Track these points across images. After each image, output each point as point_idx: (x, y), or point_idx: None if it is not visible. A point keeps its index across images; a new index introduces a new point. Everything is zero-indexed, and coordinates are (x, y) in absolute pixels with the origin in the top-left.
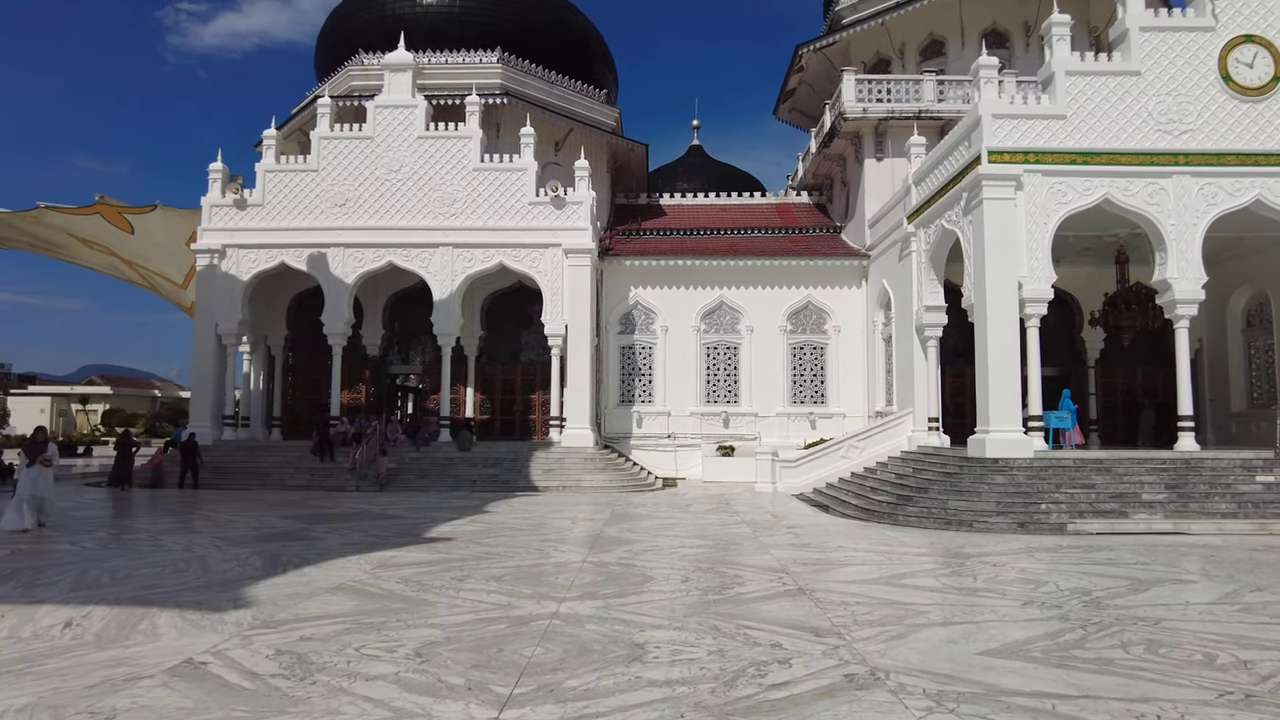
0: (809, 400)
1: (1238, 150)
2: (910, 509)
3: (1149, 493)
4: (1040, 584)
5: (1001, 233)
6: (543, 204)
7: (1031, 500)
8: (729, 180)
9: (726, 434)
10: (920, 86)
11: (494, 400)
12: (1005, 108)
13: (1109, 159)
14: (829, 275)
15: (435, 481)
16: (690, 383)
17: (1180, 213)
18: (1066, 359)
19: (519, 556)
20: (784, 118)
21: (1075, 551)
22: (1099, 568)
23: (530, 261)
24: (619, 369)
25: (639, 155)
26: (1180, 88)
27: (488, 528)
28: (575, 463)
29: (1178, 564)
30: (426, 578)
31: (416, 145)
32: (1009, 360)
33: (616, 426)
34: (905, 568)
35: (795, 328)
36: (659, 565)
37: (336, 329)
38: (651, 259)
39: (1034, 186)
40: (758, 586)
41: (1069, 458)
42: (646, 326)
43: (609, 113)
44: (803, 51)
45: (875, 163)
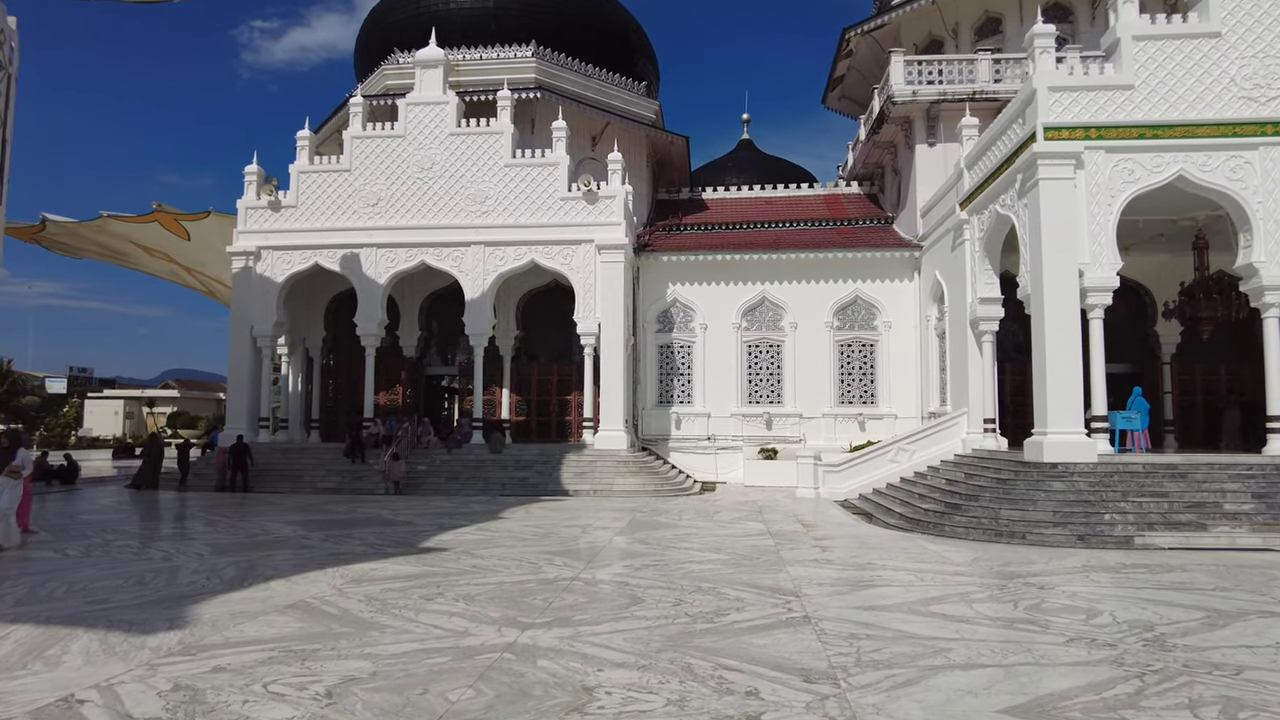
0: (857, 400)
1: None
2: (958, 519)
3: (1232, 502)
4: (1093, 614)
5: (1060, 216)
6: (575, 199)
7: (1094, 510)
8: (780, 174)
9: (769, 436)
10: (974, 66)
11: (530, 401)
12: (1063, 79)
13: (1183, 131)
14: (879, 268)
15: (464, 485)
16: (731, 382)
17: (1269, 188)
18: (1138, 355)
19: (507, 571)
20: (833, 106)
21: (1140, 572)
22: (1168, 593)
23: (562, 259)
24: (657, 369)
25: (680, 148)
26: (1269, 49)
27: (491, 536)
28: (608, 466)
29: (1267, 590)
30: (394, 595)
31: (448, 142)
32: (1069, 355)
33: (655, 428)
34: (937, 590)
35: (843, 324)
36: (655, 584)
37: (370, 330)
38: (690, 254)
39: (1096, 165)
40: (758, 613)
41: (1138, 462)
42: (685, 324)
43: (648, 105)
44: (850, 35)
45: (927, 148)
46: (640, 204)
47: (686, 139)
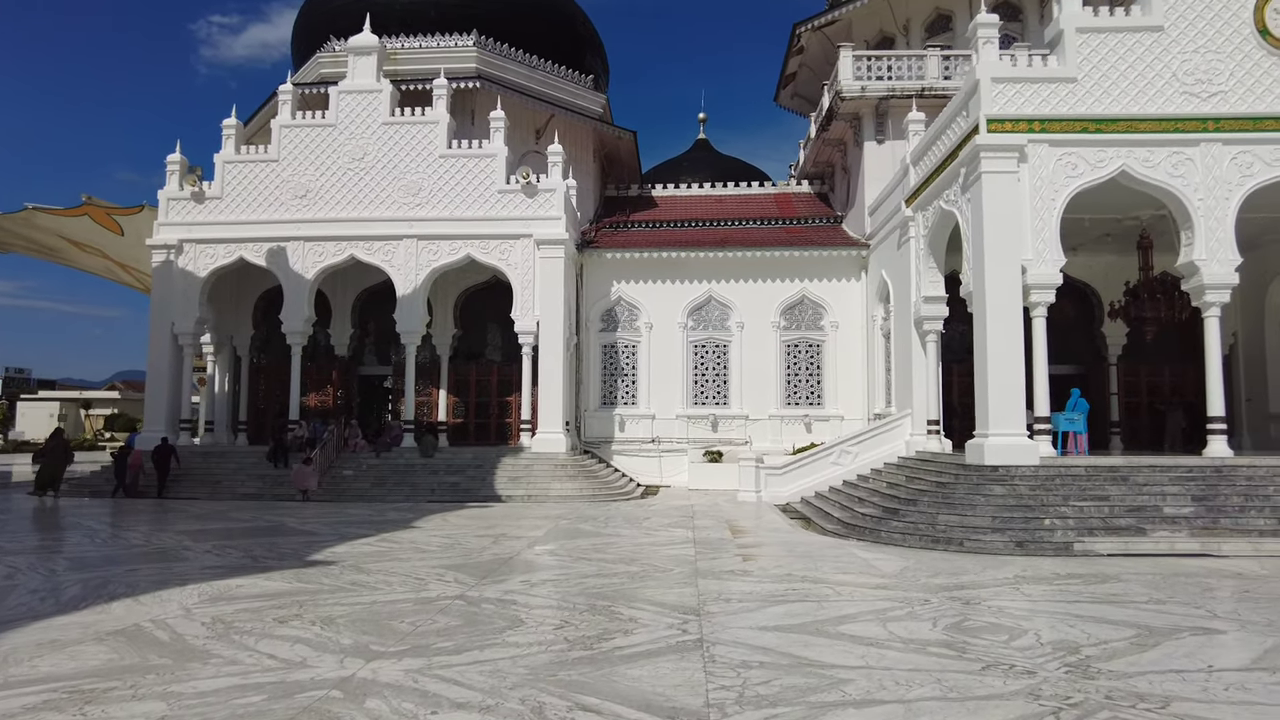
0: (804, 402)
1: (1277, 114)
2: (895, 524)
3: (1172, 506)
4: (1017, 634)
5: (1002, 211)
6: (513, 192)
7: (1033, 515)
8: (736, 174)
9: (715, 438)
10: (924, 63)
11: (468, 403)
12: (1007, 71)
13: (1126, 126)
14: (826, 267)
15: (391, 491)
16: (676, 383)
17: (1210, 186)
18: (1086, 356)
19: (388, 588)
20: (786, 104)
21: (1074, 583)
22: (1099, 608)
23: (500, 254)
24: (601, 369)
25: (628, 144)
26: (1210, 44)
27: (391, 548)
28: (544, 470)
29: (1202, 602)
30: (245, 618)
31: (381, 132)
32: (1011, 355)
33: (598, 430)
34: (854, 606)
35: (790, 324)
36: (547, 603)
37: (296, 327)
38: (635, 251)
39: (1040, 159)
40: (647, 636)
41: (1080, 465)
42: (630, 323)
43: (596, 99)
44: (801, 31)
45: (875, 145)
46: (587, 200)
47: (634, 134)
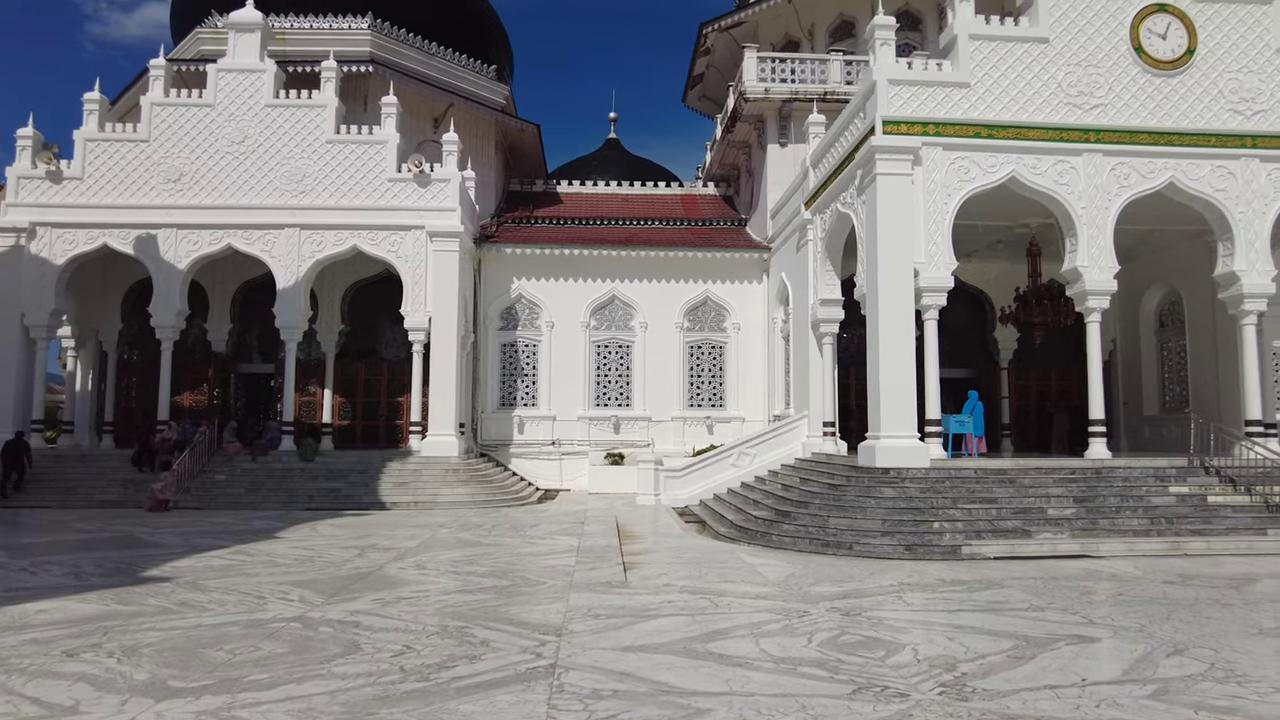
0: (707, 403)
1: (1151, 128)
2: (786, 528)
3: (1056, 508)
4: (895, 649)
5: (896, 213)
6: (405, 181)
7: (923, 518)
8: (645, 175)
9: (617, 440)
10: (827, 66)
11: (356, 403)
12: (903, 73)
13: (1016, 133)
14: (729, 269)
15: (266, 497)
16: (578, 384)
17: (1092, 194)
18: (979, 360)
19: (219, 609)
20: (693, 105)
21: (957, 590)
22: (980, 617)
23: (389, 245)
24: (499, 369)
25: (532, 137)
26: (1091, 58)
27: (243, 562)
28: (434, 475)
29: (1079, 608)
30: (28, 651)
31: (264, 115)
32: (903, 356)
33: (496, 432)
34: (728, 620)
35: (693, 325)
36: (394, 625)
37: (167, 320)
38: (536, 247)
39: (934, 162)
40: (495, 663)
41: (970, 468)
42: (531, 322)
43: (499, 90)
44: (707, 31)
45: (779, 149)
46: (488, 193)
47: (537, 127)
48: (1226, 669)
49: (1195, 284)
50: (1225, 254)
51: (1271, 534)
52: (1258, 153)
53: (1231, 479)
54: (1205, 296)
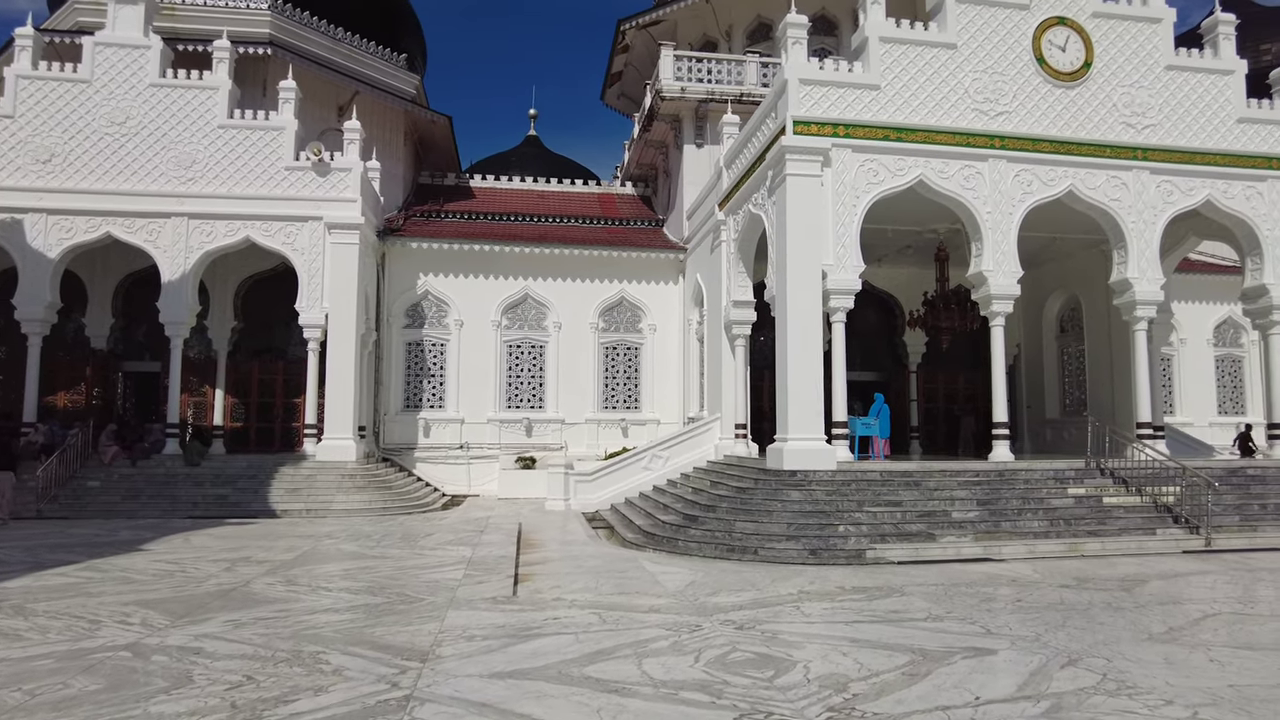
0: (622, 405)
1: (1052, 137)
2: (693, 532)
3: (960, 510)
4: (786, 667)
5: (805, 214)
6: (303, 170)
7: (829, 521)
8: (565, 173)
9: (529, 443)
10: (743, 68)
11: (250, 404)
12: (814, 73)
13: (924, 136)
14: (645, 269)
15: (145, 504)
16: (488, 385)
17: (997, 200)
18: (888, 363)
19: (40, 637)
20: (612, 104)
21: (857, 598)
22: (878, 629)
23: (285, 237)
24: (404, 369)
25: (443, 129)
26: (996, 66)
27: (90, 579)
28: (329, 480)
29: (978, 616)
30: None
31: (148, 94)
32: (810, 358)
33: (400, 436)
34: (614, 639)
35: (608, 325)
36: (239, 651)
37: (35, 314)
38: (445, 242)
39: (843, 164)
40: (343, 695)
41: (876, 470)
42: (439, 320)
43: (409, 79)
44: (626, 28)
45: (695, 149)
46: (395, 186)
47: (449, 119)
48: (1118, 680)
49: (1093, 291)
50: (1120, 261)
51: (1160, 534)
52: (1148, 165)
53: (1124, 480)
54: (1101, 303)
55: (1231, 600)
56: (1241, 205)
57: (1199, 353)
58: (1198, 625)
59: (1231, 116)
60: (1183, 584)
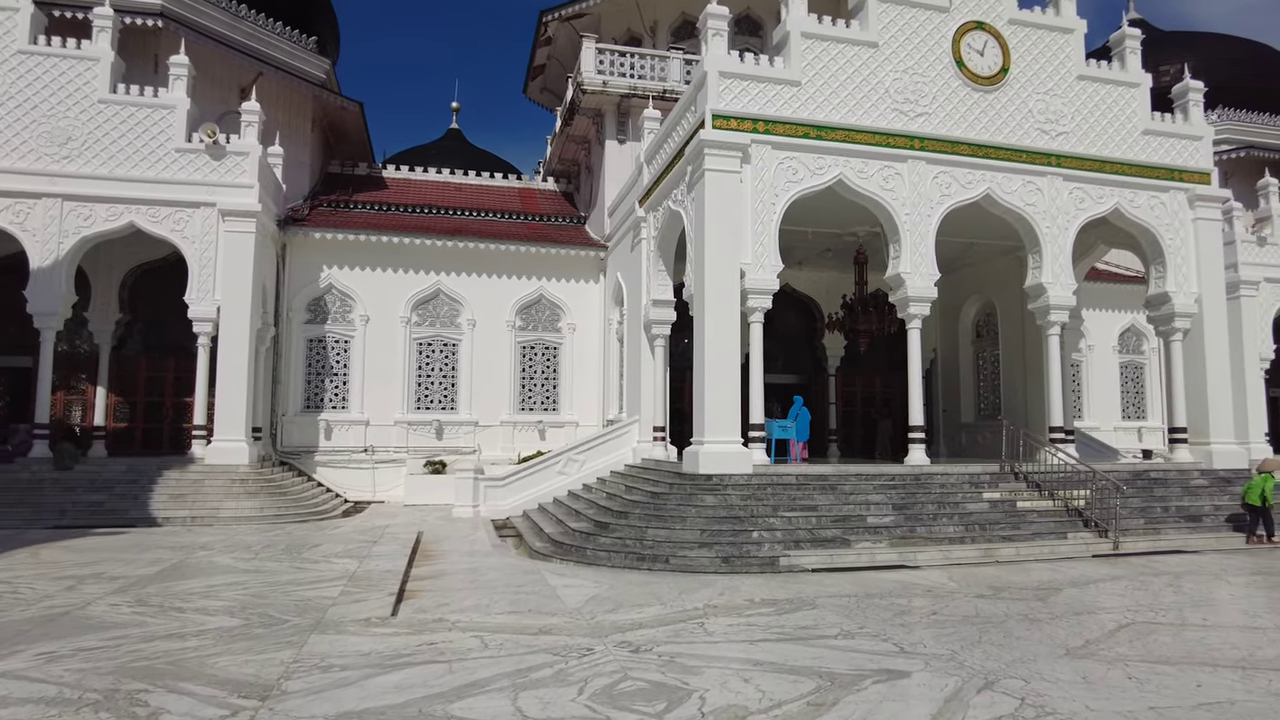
0: (539, 407)
1: (970, 140)
2: (603, 541)
3: (875, 515)
4: (680, 697)
5: (724, 211)
6: (195, 152)
7: (743, 527)
8: (487, 167)
9: (440, 447)
10: (667, 64)
11: (136, 404)
12: (735, 66)
13: (845, 135)
14: (565, 267)
15: (6, 514)
16: (396, 385)
17: (915, 201)
18: (808, 366)
19: None
20: (535, 98)
21: (766, 612)
22: (786, 649)
23: (174, 223)
24: (305, 367)
25: (355, 117)
26: (917, 67)
27: None
28: (218, 486)
29: (892, 632)
30: None
31: (16, 62)
32: (727, 359)
33: (300, 438)
34: (494, 667)
35: (526, 324)
36: (40, 694)
37: None
38: (352, 233)
39: (763, 161)
40: None
41: (792, 474)
42: (343, 315)
43: (318, 63)
44: (548, 20)
45: (617, 145)
46: (301, 174)
47: (360, 105)
48: (1038, 706)
49: (1007, 297)
50: (1034, 266)
51: (1071, 537)
52: (1061, 171)
53: (1037, 484)
54: (1016, 309)
55: (1142, 608)
56: (1146, 214)
57: (1105, 359)
58: (1113, 637)
59: (1138, 128)
60: (1095, 591)
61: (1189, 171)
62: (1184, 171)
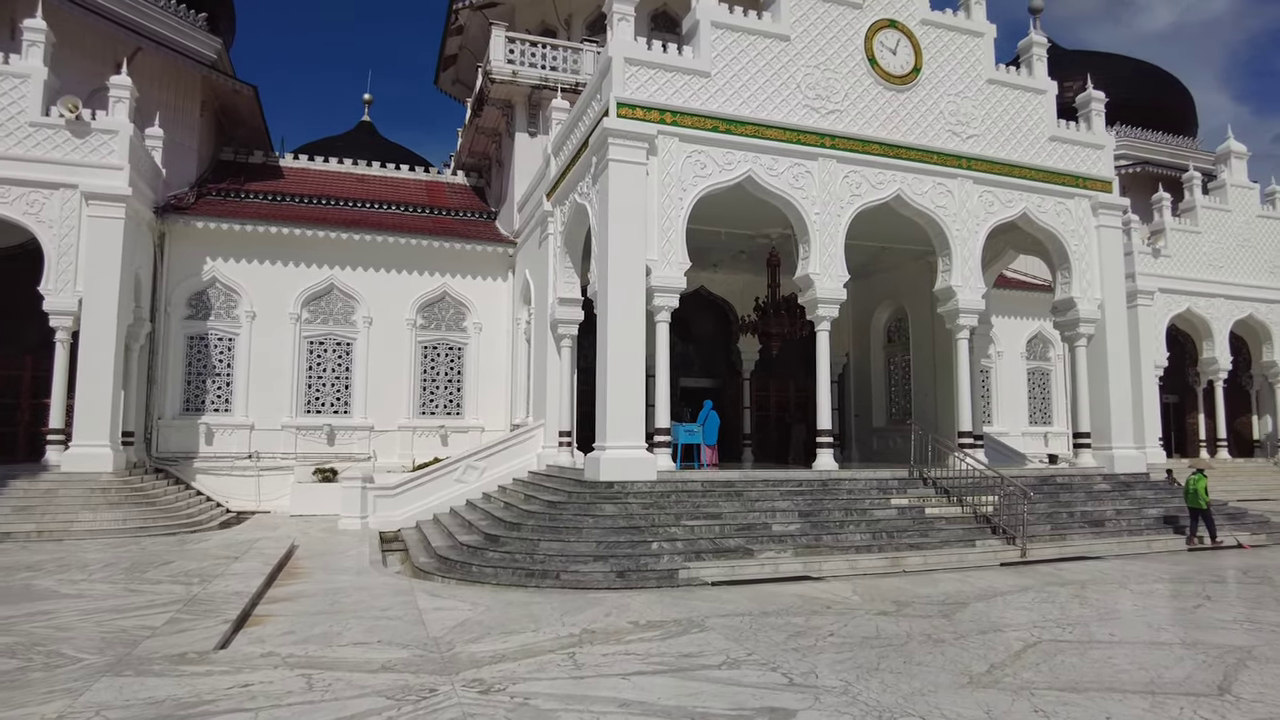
0: (441, 411)
1: (882, 139)
2: (491, 555)
3: (781, 523)
4: None
5: (629, 204)
6: (54, 127)
7: (642, 538)
8: (398, 161)
9: (332, 453)
10: (580, 56)
11: None
12: (641, 53)
13: (755, 130)
14: (472, 263)
15: None
16: (285, 387)
17: (825, 201)
18: (723, 370)
19: None
20: (447, 89)
21: (651, 637)
22: (662, 682)
23: (27, 205)
24: (184, 366)
25: (249, 101)
26: (829, 63)
27: None
28: (75, 495)
29: (782, 658)
30: None
31: None
32: (632, 359)
33: (178, 443)
34: (316, 714)
35: (428, 323)
36: None
37: None
38: (239, 223)
39: (670, 153)
40: None
41: (698, 480)
42: (228, 311)
43: (207, 41)
44: (459, 7)
45: (528, 138)
46: (188, 159)
47: (255, 89)
48: None
49: (918, 302)
50: (944, 269)
51: (980, 545)
52: (971, 174)
53: (946, 490)
54: (926, 314)
55: (1049, 623)
56: (1053, 220)
57: (1014, 365)
58: (1019, 659)
59: (1044, 134)
60: (1002, 605)
61: (1092, 179)
62: (1088, 179)
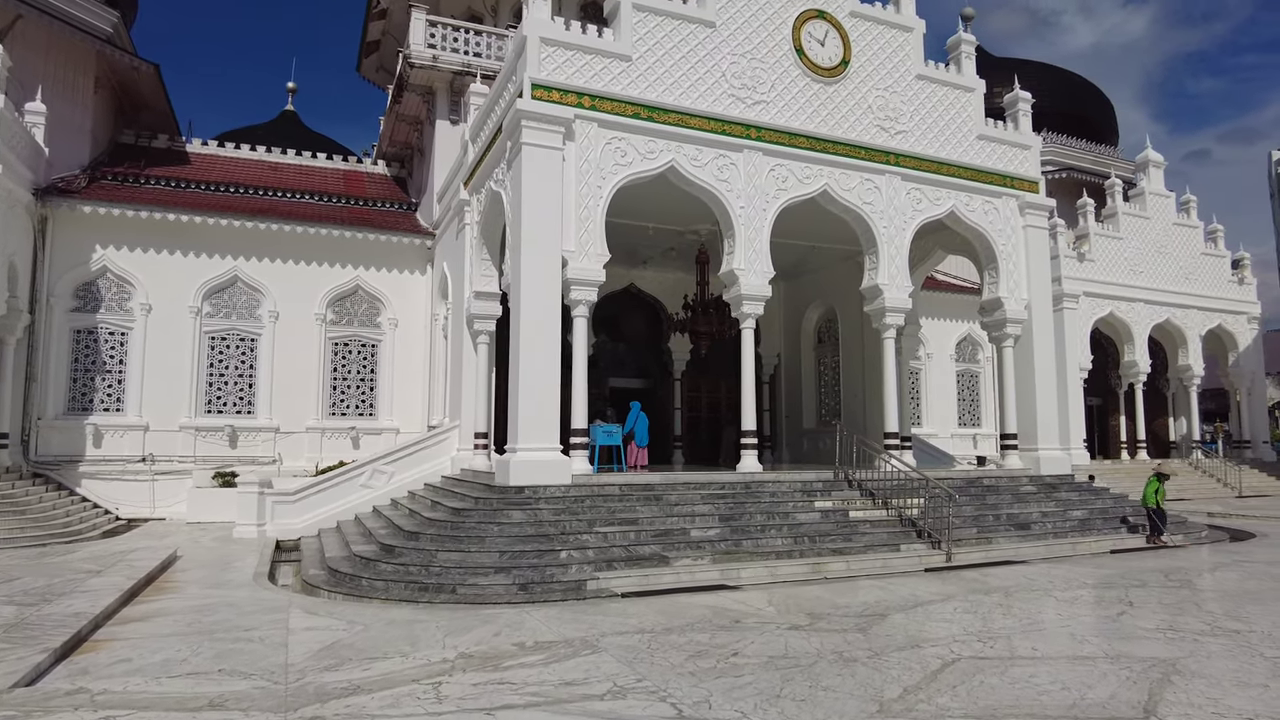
0: (353, 411)
1: (809, 132)
2: (385, 568)
3: (700, 528)
4: None
5: (544, 191)
6: None
7: (551, 546)
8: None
9: (234, 456)
10: (505, 43)
11: None
12: (559, 33)
13: (678, 119)
14: (387, 255)
15: None
16: (183, 385)
17: (751, 194)
18: (655, 370)
19: None
20: (369, 76)
21: (533, 663)
22: (531, 718)
23: None
24: (70, 362)
25: (149, 79)
26: (756, 52)
27: None
28: None
29: (675, 685)
30: None
31: None
32: (546, 356)
33: (61, 445)
34: None
35: (339, 318)
36: None
37: None
38: (133, 208)
39: (588, 140)
40: None
41: (615, 484)
42: (120, 304)
43: (102, 14)
44: None
45: (450, 126)
46: (78, 140)
47: (156, 67)
48: None
49: (847, 303)
50: (871, 267)
51: (904, 549)
52: (899, 170)
53: (872, 493)
54: (855, 315)
55: (971, 637)
56: (981, 219)
57: (943, 367)
58: (936, 681)
59: (973, 133)
60: (922, 616)
61: (1020, 179)
62: (1015, 179)
